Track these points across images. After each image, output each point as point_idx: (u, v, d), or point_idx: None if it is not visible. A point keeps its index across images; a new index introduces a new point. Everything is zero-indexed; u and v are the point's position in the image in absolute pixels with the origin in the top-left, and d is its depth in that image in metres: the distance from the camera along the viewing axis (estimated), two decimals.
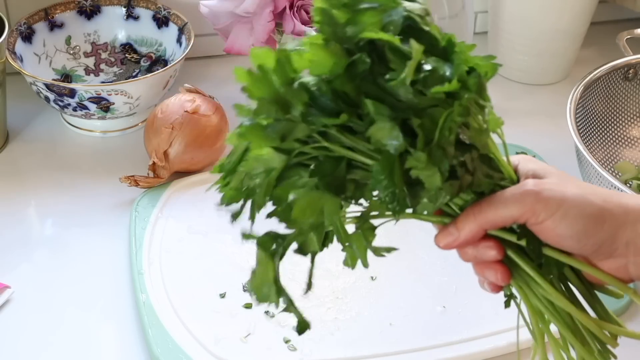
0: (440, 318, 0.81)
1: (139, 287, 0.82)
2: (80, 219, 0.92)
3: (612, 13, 1.28)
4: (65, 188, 0.96)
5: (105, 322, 0.81)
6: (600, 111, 1.01)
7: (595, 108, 1.00)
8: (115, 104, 0.97)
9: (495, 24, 1.16)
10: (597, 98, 1.00)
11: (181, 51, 1.04)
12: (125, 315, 0.81)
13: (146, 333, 0.77)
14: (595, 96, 0.99)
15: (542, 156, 1.00)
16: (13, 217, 0.92)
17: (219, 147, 0.98)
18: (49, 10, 1.06)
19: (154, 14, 1.08)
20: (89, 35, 1.09)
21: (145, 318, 0.78)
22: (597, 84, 0.99)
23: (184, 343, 0.76)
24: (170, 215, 0.91)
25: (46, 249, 0.89)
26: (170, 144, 0.94)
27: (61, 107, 0.99)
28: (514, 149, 1.00)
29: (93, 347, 0.79)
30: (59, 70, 1.07)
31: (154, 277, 0.83)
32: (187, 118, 0.95)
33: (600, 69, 0.99)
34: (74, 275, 0.85)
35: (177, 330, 0.78)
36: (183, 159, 0.95)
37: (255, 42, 1.00)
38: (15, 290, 0.83)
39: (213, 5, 1.01)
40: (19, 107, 1.06)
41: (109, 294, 0.84)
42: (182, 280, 0.83)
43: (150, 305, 0.80)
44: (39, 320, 0.81)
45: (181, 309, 0.80)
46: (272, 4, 0.97)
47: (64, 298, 0.83)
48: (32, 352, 0.78)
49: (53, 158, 1.01)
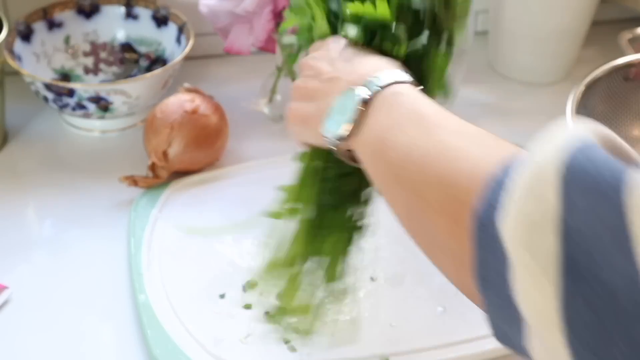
0: (441, 319, 0.81)
1: (138, 288, 0.81)
2: (79, 219, 0.92)
3: (613, 12, 1.28)
4: (64, 188, 0.96)
5: (105, 323, 0.81)
6: (601, 111, 1.00)
7: (596, 108, 0.99)
8: (114, 103, 0.97)
9: (496, 23, 1.16)
10: (598, 98, 0.99)
11: (180, 51, 1.03)
12: (125, 316, 0.81)
13: (145, 334, 0.77)
14: (597, 96, 0.99)
15: None
16: (12, 217, 0.92)
17: (218, 146, 0.97)
18: (47, 10, 1.06)
19: (153, 13, 1.08)
20: (87, 35, 1.09)
21: (145, 319, 0.78)
22: (598, 83, 0.98)
23: (183, 344, 0.76)
24: (169, 216, 0.91)
25: (45, 249, 0.89)
26: (170, 143, 0.94)
27: (60, 106, 0.98)
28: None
29: (92, 348, 0.78)
30: (57, 69, 1.07)
31: (153, 278, 0.83)
32: (187, 118, 0.95)
33: (601, 68, 0.98)
34: (73, 276, 0.85)
35: (176, 331, 0.77)
36: (182, 159, 0.95)
37: (255, 41, 1.00)
38: (13, 291, 0.83)
39: (213, 5, 1.00)
40: (18, 107, 1.05)
41: (109, 294, 0.83)
42: (182, 281, 0.83)
43: (150, 306, 0.79)
44: (37, 321, 0.80)
45: (180, 309, 0.80)
46: (272, 4, 0.97)
47: (63, 299, 0.83)
48: (31, 353, 0.78)
49: (52, 158, 1.00)
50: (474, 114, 1.11)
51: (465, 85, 1.13)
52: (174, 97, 0.97)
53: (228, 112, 1.01)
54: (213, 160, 0.98)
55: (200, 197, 0.93)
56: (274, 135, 1.05)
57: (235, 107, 1.08)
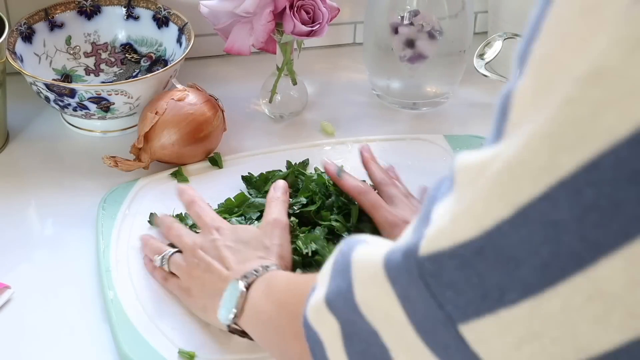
0: None
1: (107, 284, 0.82)
2: (80, 219, 0.92)
3: None
4: (65, 188, 0.96)
5: (106, 322, 0.81)
6: None
7: None
8: (115, 104, 0.97)
9: (495, 24, 1.16)
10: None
11: (181, 51, 1.04)
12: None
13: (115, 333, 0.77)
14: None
15: None
16: (13, 217, 0.92)
17: (203, 136, 0.97)
18: (49, 10, 1.06)
19: (154, 14, 1.09)
20: (89, 35, 1.10)
21: (114, 315, 0.79)
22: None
23: (152, 339, 0.77)
24: (137, 212, 0.91)
25: (46, 249, 0.89)
26: (152, 127, 0.94)
27: (61, 107, 0.99)
28: None
29: (92, 348, 0.79)
30: (59, 70, 1.07)
31: (120, 275, 0.83)
32: (172, 104, 0.95)
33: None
34: (74, 275, 0.85)
35: (145, 327, 0.78)
36: (164, 145, 0.95)
37: (255, 42, 1.00)
38: (15, 290, 0.83)
39: (213, 5, 1.01)
40: (19, 107, 1.06)
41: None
42: (150, 277, 0.84)
43: (119, 302, 0.80)
44: (39, 320, 0.81)
45: (149, 305, 0.80)
46: (272, 4, 0.97)
47: (64, 298, 0.83)
48: (33, 352, 0.78)
49: (53, 158, 1.01)
50: (474, 114, 1.12)
51: (465, 85, 1.14)
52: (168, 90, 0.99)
53: (228, 112, 1.01)
54: (197, 153, 0.97)
55: (168, 193, 0.92)
56: (273, 135, 1.05)
57: (235, 107, 1.08)
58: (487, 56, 1.06)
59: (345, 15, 1.19)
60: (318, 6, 0.99)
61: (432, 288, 0.43)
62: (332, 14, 1.02)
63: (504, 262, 0.40)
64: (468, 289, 0.41)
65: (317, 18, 0.99)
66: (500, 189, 0.40)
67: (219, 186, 0.94)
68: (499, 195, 0.40)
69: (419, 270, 0.44)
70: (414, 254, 0.44)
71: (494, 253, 0.40)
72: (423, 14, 1.04)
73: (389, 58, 1.08)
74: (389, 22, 1.06)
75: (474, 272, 0.41)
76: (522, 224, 0.39)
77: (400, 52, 1.06)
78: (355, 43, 1.24)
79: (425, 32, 1.05)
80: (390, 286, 0.46)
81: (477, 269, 0.41)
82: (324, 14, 0.99)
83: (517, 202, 0.39)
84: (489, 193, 0.40)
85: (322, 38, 1.02)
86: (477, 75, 1.06)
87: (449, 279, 0.42)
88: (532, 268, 0.39)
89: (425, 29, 1.04)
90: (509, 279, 0.40)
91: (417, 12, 1.04)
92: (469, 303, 0.42)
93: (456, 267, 0.42)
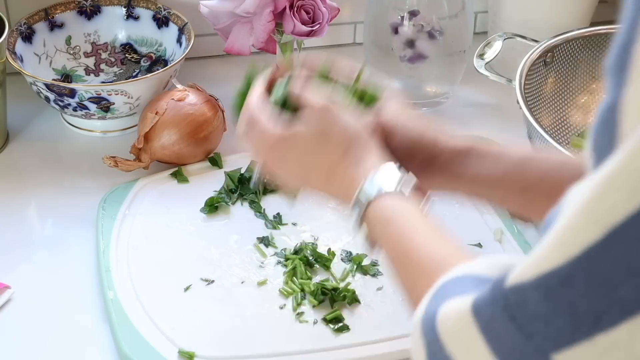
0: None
1: (107, 284, 0.82)
2: (80, 219, 0.92)
3: (612, 13, 1.28)
4: (65, 188, 0.96)
5: (106, 322, 0.81)
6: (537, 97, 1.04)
7: (537, 94, 1.04)
8: (115, 104, 0.97)
9: (495, 24, 1.16)
10: (531, 86, 1.02)
11: (181, 51, 1.04)
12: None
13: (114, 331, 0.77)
14: (530, 84, 1.02)
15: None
16: (13, 217, 0.92)
17: (203, 136, 0.97)
18: (49, 10, 1.06)
19: (154, 14, 1.08)
20: (89, 35, 1.09)
21: (114, 315, 0.79)
22: (530, 71, 1.01)
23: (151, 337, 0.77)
24: (137, 212, 0.91)
25: (46, 249, 0.89)
26: (152, 127, 0.94)
27: (61, 107, 0.99)
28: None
29: (92, 348, 0.79)
30: (59, 70, 1.07)
31: (120, 275, 0.83)
32: (172, 104, 0.95)
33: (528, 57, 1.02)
34: (74, 275, 0.85)
35: (145, 327, 0.78)
36: (164, 145, 0.95)
37: (255, 42, 1.00)
38: (15, 290, 0.83)
39: (213, 5, 1.01)
40: (19, 107, 1.06)
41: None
42: (149, 277, 0.84)
43: (119, 302, 0.80)
44: (39, 320, 0.81)
45: (149, 305, 0.80)
46: (272, 4, 0.97)
47: (64, 298, 0.83)
48: (33, 352, 0.78)
49: (53, 158, 1.01)
50: (474, 114, 1.12)
51: (465, 85, 1.14)
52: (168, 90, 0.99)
53: (228, 112, 1.01)
54: (197, 153, 0.97)
55: (168, 193, 0.93)
56: None
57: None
58: (487, 56, 1.06)
59: (345, 15, 1.19)
60: (318, 6, 0.99)
61: (518, 320, 0.42)
62: (332, 14, 1.02)
63: (597, 286, 0.39)
64: (558, 318, 0.40)
65: (317, 18, 0.99)
66: (589, 211, 0.39)
67: (219, 186, 0.94)
68: (587, 218, 0.39)
69: (504, 302, 0.43)
70: (501, 286, 0.43)
71: (584, 279, 0.39)
72: (423, 14, 1.04)
73: (389, 58, 1.08)
74: (389, 22, 1.06)
75: (563, 301, 0.40)
76: (617, 244, 0.38)
77: (400, 52, 1.07)
78: (355, 43, 1.24)
79: (425, 32, 1.05)
80: (474, 321, 0.45)
81: (566, 297, 0.40)
82: (324, 14, 0.99)
83: (608, 222, 0.38)
84: (575, 218, 0.39)
85: (322, 38, 1.02)
86: (477, 75, 1.06)
87: (535, 310, 0.41)
88: (631, 288, 0.38)
89: (425, 29, 1.05)
90: (605, 302, 0.39)
91: (417, 12, 1.04)
92: (560, 332, 0.40)
93: (542, 297, 0.41)
